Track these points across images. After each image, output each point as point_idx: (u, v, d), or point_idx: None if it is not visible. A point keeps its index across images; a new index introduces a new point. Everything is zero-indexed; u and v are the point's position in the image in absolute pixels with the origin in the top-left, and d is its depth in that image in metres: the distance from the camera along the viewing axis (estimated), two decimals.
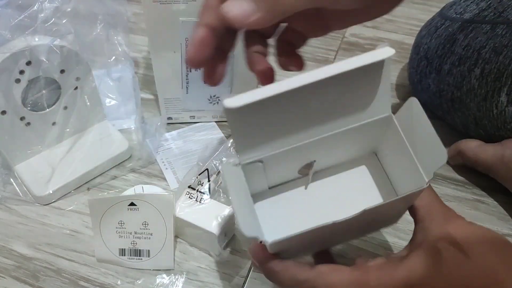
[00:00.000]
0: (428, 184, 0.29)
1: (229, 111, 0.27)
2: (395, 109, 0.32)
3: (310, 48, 0.66)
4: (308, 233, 0.27)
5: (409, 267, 0.28)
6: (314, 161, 0.34)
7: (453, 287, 0.27)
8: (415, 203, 0.31)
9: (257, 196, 0.35)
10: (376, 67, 0.29)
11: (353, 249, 0.43)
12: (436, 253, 0.28)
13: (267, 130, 0.30)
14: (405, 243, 0.32)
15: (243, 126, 0.29)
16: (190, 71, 0.50)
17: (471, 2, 0.49)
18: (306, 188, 0.35)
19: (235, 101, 0.26)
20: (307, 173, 0.35)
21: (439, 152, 0.28)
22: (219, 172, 0.45)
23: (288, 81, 0.26)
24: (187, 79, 0.51)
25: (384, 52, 0.27)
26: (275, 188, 0.35)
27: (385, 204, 0.28)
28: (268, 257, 0.30)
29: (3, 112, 0.43)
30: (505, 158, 0.44)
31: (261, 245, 0.29)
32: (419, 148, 0.30)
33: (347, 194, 0.35)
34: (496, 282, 0.26)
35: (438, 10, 0.54)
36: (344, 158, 0.35)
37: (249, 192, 0.32)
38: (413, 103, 0.30)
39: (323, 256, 0.35)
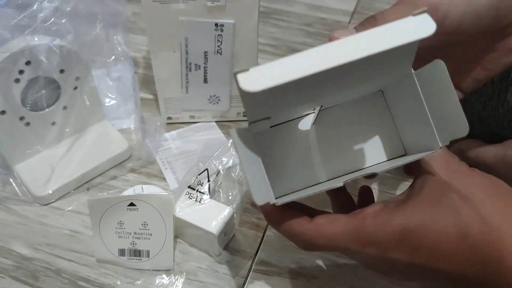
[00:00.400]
0: (440, 149, 0.28)
1: (243, 92, 0.24)
2: None
3: None
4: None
5: (405, 214, 0.28)
6: (321, 106, 0.33)
7: (448, 235, 0.27)
8: None
9: (258, 135, 0.34)
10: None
11: None
12: (433, 200, 0.28)
13: (280, 98, 0.28)
14: None
15: (255, 99, 0.27)
16: (190, 71, 0.50)
17: None
18: (313, 124, 0.34)
19: (253, 82, 0.23)
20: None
21: (459, 123, 0.26)
22: (219, 172, 0.44)
23: (313, 59, 0.23)
24: (187, 79, 0.51)
25: (423, 28, 0.24)
26: (277, 126, 0.34)
27: None
28: (271, 210, 0.31)
29: (3, 112, 0.43)
30: (507, 158, 0.44)
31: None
32: (437, 111, 0.28)
33: (351, 128, 0.34)
34: (492, 230, 0.26)
35: None
36: (351, 97, 0.34)
37: (259, 155, 0.31)
38: (440, 65, 0.27)
39: (340, 194, 0.36)
